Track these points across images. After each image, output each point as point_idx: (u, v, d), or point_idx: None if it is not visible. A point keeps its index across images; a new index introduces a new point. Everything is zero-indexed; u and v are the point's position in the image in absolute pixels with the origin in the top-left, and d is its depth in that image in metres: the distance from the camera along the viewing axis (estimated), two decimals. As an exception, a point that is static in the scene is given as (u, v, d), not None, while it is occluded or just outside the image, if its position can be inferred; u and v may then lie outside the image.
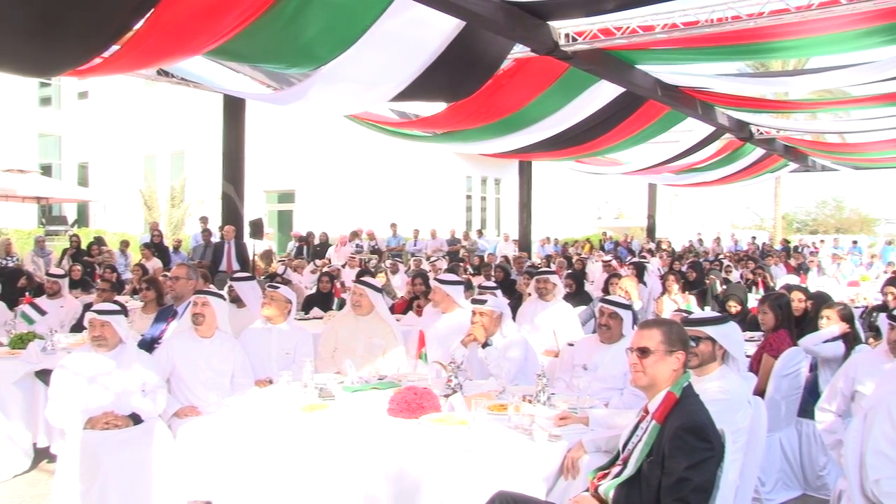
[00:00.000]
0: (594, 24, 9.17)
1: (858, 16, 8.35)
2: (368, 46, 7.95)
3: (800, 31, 9.09)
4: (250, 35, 6.80)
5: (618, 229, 33.32)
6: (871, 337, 6.72)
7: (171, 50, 7.11)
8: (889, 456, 3.53)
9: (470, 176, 28.60)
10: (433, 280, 6.75)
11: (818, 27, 8.87)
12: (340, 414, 4.31)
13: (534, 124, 12.30)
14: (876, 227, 59.73)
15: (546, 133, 12.77)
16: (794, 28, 8.92)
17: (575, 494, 3.42)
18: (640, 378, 3.31)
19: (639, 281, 10.51)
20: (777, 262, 17.62)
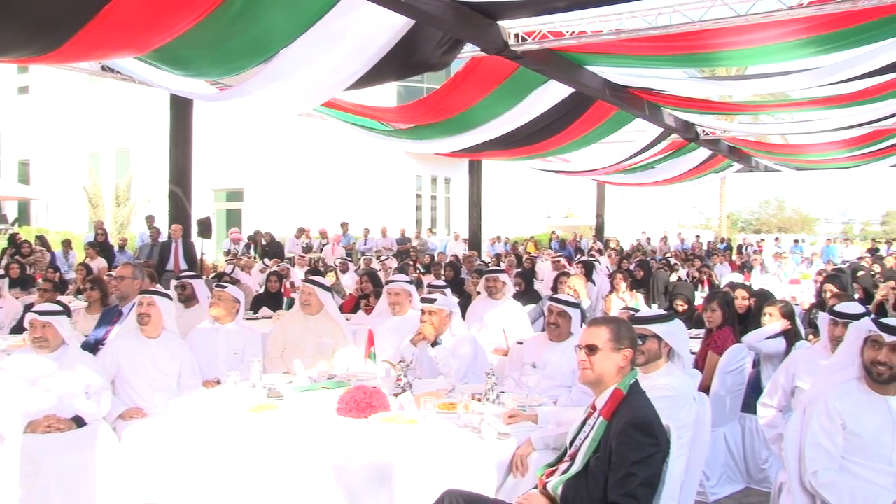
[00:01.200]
0: (544, 24, 9.24)
1: (796, 27, 8.59)
2: (315, 44, 7.90)
3: (742, 43, 9.32)
4: (197, 34, 6.74)
5: (567, 228, 33.59)
6: (810, 333, 6.88)
7: (117, 45, 7.01)
8: (826, 448, 3.62)
9: (420, 175, 28.58)
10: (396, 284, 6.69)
11: (759, 38, 9.10)
12: (289, 414, 4.27)
13: (486, 123, 12.36)
14: (816, 227, 61.30)
15: (498, 132, 12.83)
16: (737, 39, 9.13)
17: (523, 491, 3.44)
18: (587, 375, 3.35)
19: (587, 279, 10.61)
20: (722, 261, 17.95)
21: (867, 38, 8.89)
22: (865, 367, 3.66)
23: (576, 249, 23.94)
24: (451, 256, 17.41)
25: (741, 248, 29.18)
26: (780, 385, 4.94)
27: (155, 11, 6.32)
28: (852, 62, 9.78)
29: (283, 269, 12.42)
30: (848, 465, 3.61)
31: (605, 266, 15.35)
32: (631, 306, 8.40)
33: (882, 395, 3.63)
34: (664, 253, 22.79)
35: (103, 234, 16.64)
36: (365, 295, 9.17)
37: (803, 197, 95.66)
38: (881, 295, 8.46)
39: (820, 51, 9.31)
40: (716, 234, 41.04)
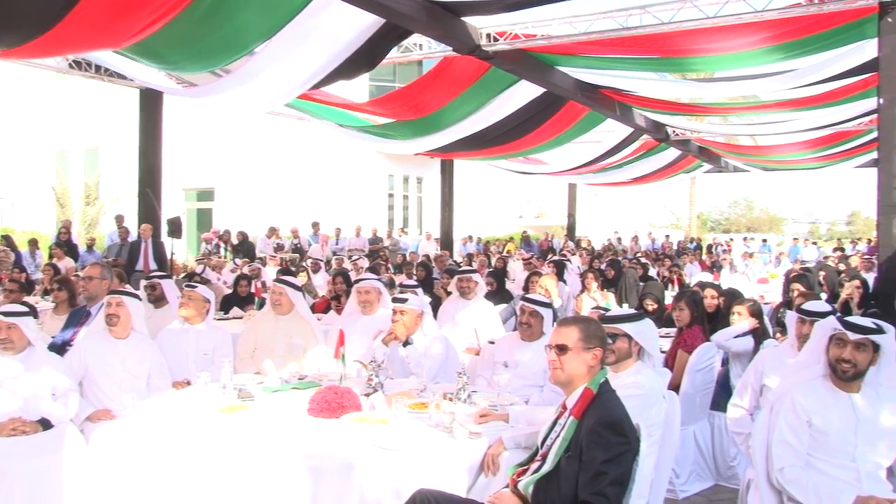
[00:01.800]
0: (515, 25, 9.28)
1: (764, 34, 8.72)
2: (287, 42, 7.89)
3: (713, 50, 9.45)
4: (171, 30, 6.72)
5: (539, 228, 33.71)
6: (778, 332, 6.96)
7: (91, 39, 6.97)
8: (792, 445, 3.67)
9: (392, 174, 28.54)
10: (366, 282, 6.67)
11: (730, 46, 9.24)
12: (260, 415, 4.25)
13: (459, 122, 12.41)
14: (784, 227, 62.04)
15: (471, 131, 12.88)
16: (708, 45, 9.25)
17: (495, 491, 3.45)
18: (558, 374, 3.36)
19: (559, 279, 10.65)
20: (692, 261, 18.10)
21: (831, 44, 9.06)
22: (831, 364, 3.71)
23: (548, 249, 24.04)
24: (422, 256, 17.40)
25: (711, 248, 29.47)
26: (750, 384, 4.99)
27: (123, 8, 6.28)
28: (818, 66, 9.95)
29: (253, 269, 12.35)
30: (813, 462, 3.66)
31: (577, 266, 15.42)
32: (602, 306, 8.45)
33: (846, 393, 3.69)
34: (635, 252, 22.94)
35: (66, 232, 16.44)
36: (336, 296, 9.15)
37: (772, 197, 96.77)
38: (846, 293, 8.57)
39: (787, 56, 9.48)
40: (686, 233, 41.43)
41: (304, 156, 24.33)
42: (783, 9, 8.00)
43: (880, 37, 7.71)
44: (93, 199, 26.97)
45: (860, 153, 17.71)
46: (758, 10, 8.08)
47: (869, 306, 7.93)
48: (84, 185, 27.42)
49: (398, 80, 23.96)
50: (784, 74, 10.52)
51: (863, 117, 12.94)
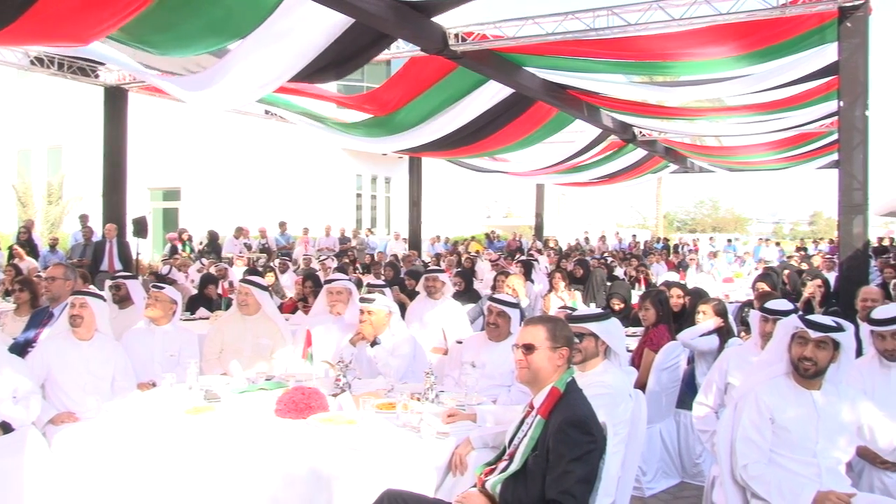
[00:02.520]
0: (483, 25, 9.31)
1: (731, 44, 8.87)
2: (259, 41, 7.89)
3: (680, 56, 9.57)
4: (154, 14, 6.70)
5: (507, 228, 33.80)
6: (742, 331, 7.05)
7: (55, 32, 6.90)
8: (756, 442, 3.72)
9: (360, 174, 28.45)
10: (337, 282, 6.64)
11: (698, 54, 9.39)
12: (226, 416, 4.21)
13: (428, 122, 12.42)
14: (749, 227, 62.83)
15: (442, 131, 12.90)
16: (676, 51, 9.37)
17: (462, 490, 3.45)
18: (524, 374, 3.38)
19: (526, 279, 10.69)
20: (658, 260, 18.26)
21: (795, 50, 9.21)
22: (793, 362, 3.77)
23: (516, 249, 24.12)
24: (390, 256, 17.37)
25: (677, 248, 29.75)
26: (715, 382, 5.05)
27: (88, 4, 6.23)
28: (781, 69, 10.11)
29: (220, 269, 12.25)
30: (776, 458, 3.71)
31: (545, 265, 15.49)
32: (569, 305, 8.49)
33: (808, 390, 3.74)
34: (602, 252, 23.09)
35: (26, 231, 16.17)
36: (303, 297, 9.11)
37: (737, 198, 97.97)
38: (808, 292, 8.70)
39: (753, 63, 9.64)
40: (653, 233, 41.77)
41: (271, 155, 24.19)
42: (748, 12, 8.12)
43: (840, 41, 7.86)
44: (56, 199, 26.54)
45: (822, 154, 18.02)
46: (723, 13, 8.20)
47: (830, 305, 8.06)
48: (46, 183, 26.98)
49: (367, 79, 23.90)
50: (747, 78, 10.68)
51: (824, 119, 13.17)
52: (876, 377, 4.53)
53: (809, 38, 8.81)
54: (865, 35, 7.75)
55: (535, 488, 3.17)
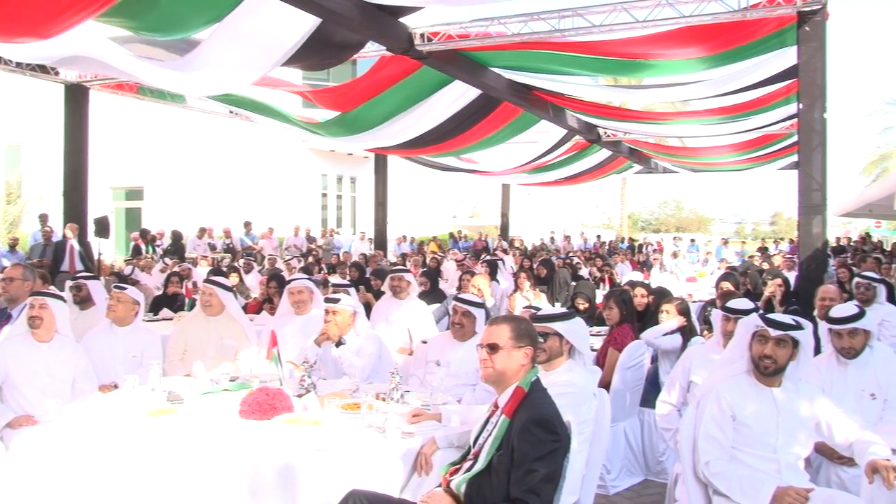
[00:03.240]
0: (449, 25, 9.33)
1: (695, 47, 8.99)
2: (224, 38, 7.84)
3: (646, 56, 9.68)
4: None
5: (473, 228, 33.89)
6: (705, 330, 7.13)
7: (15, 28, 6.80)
8: (717, 439, 3.77)
9: (325, 174, 28.35)
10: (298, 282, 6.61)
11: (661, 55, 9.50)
12: (190, 417, 4.17)
13: (394, 121, 12.42)
14: (711, 227, 63.58)
15: (407, 130, 12.90)
16: (641, 51, 9.48)
17: (428, 490, 3.46)
18: (489, 373, 3.38)
19: (492, 279, 10.72)
20: (623, 260, 18.41)
21: (755, 53, 9.36)
22: (753, 360, 3.82)
23: (481, 249, 24.18)
24: (358, 256, 17.32)
25: (641, 248, 30.01)
26: (677, 381, 5.10)
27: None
28: (742, 72, 10.27)
29: (184, 269, 12.14)
30: (737, 455, 3.76)
31: (510, 265, 15.55)
32: (534, 305, 8.53)
33: (768, 387, 3.80)
34: (567, 252, 23.22)
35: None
36: (269, 298, 9.06)
37: (700, 198, 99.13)
38: (769, 291, 8.83)
39: (715, 65, 9.79)
40: (617, 233, 42.11)
41: (236, 154, 24.00)
42: (710, 15, 8.24)
43: (799, 45, 8.01)
44: (14, 198, 26.11)
45: (783, 156, 18.31)
46: (686, 16, 8.31)
47: (791, 304, 8.18)
48: (5, 182, 26.54)
49: (332, 79, 23.82)
50: (711, 81, 10.83)
51: (785, 122, 13.39)
52: (833, 374, 4.62)
53: (770, 42, 8.96)
54: (823, 39, 7.90)
55: (499, 487, 3.19)
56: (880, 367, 4.58)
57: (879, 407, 4.52)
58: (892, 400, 4.53)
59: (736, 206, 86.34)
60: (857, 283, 7.37)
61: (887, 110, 44.25)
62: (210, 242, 19.49)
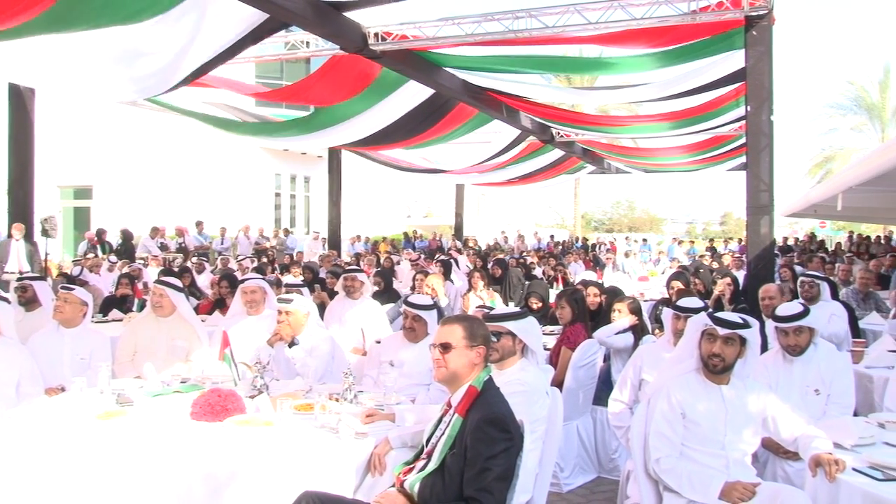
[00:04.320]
0: (403, 25, 9.33)
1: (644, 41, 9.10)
2: (167, 30, 7.69)
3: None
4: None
5: (427, 227, 33.92)
6: (656, 328, 7.23)
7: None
8: (668, 436, 3.83)
9: (279, 173, 28.14)
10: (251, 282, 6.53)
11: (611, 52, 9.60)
12: (139, 420, 4.11)
13: (348, 121, 12.39)
14: (663, 227, 64.41)
15: (361, 130, 12.87)
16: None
17: (381, 490, 3.45)
18: (442, 373, 3.39)
19: (446, 278, 10.74)
20: (576, 259, 18.55)
21: (703, 53, 9.52)
22: (702, 359, 3.89)
23: (436, 248, 24.22)
24: (318, 258, 17.20)
25: (594, 247, 30.31)
26: (629, 379, 5.17)
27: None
28: (693, 73, 10.44)
29: (134, 269, 11.96)
30: (686, 451, 3.82)
31: (464, 265, 15.59)
32: (487, 304, 8.57)
33: (717, 385, 3.87)
34: (521, 252, 23.34)
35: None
36: (221, 299, 8.97)
37: (652, 198, 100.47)
38: (718, 291, 8.97)
39: (663, 64, 9.93)
40: (571, 233, 42.45)
41: (188, 153, 23.69)
42: (659, 18, 8.36)
43: (747, 49, 8.17)
44: (-43, 197, 25.44)
45: (732, 157, 18.64)
46: (637, 18, 8.42)
47: (739, 302, 8.33)
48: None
49: (286, 77, 23.66)
50: (662, 82, 10.98)
51: (733, 124, 13.65)
52: (779, 371, 4.72)
53: (718, 44, 9.12)
54: (769, 44, 8.08)
55: (453, 486, 3.20)
56: (824, 363, 4.70)
57: (823, 402, 4.64)
58: (835, 395, 4.65)
59: (687, 207, 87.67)
60: (801, 282, 7.53)
61: (831, 113, 45.49)
62: (162, 242, 19.21)
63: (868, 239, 26.56)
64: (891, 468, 3.38)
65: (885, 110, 42.25)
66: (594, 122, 15.46)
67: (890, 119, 41.96)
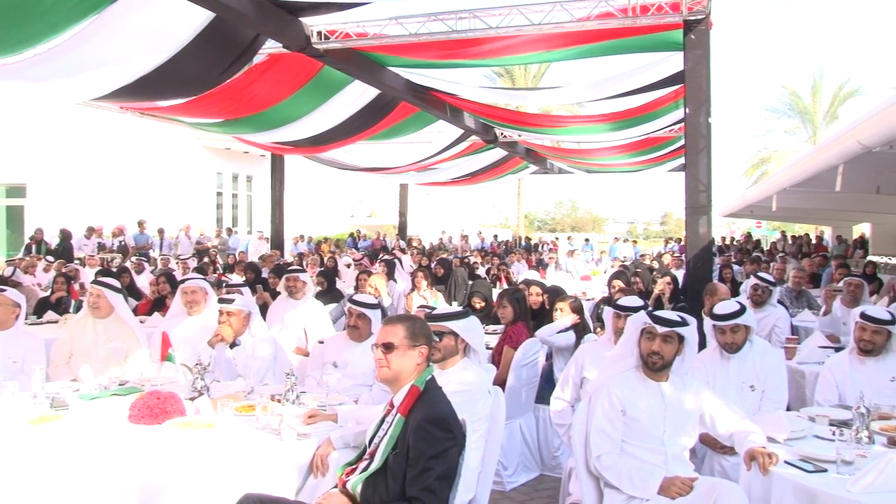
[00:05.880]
0: (346, 23, 9.28)
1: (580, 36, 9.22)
2: (107, 29, 7.51)
3: (528, 47, 9.87)
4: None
5: (371, 227, 33.82)
6: (598, 327, 7.32)
7: None
8: (608, 433, 3.88)
9: (220, 172, 27.78)
10: (191, 282, 6.43)
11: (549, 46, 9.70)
12: (75, 424, 4.01)
13: (294, 122, 12.28)
14: (605, 227, 65.22)
15: (304, 130, 12.76)
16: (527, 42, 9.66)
17: (324, 491, 3.43)
18: (384, 373, 3.39)
19: (389, 278, 10.72)
20: (519, 259, 18.68)
21: (644, 47, 9.66)
22: (642, 356, 3.95)
23: (379, 248, 24.17)
24: (261, 259, 17.03)
25: (536, 247, 30.56)
26: (571, 377, 5.22)
27: None
28: (633, 73, 10.60)
29: (71, 269, 11.68)
30: (626, 448, 3.88)
31: (408, 264, 15.59)
32: (430, 304, 8.58)
33: (656, 382, 3.94)
34: (464, 251, 23.41)
35: None
36: (161, 298, 8.82)
37: (594, 198, 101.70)
38: (658, 290, 9.11)
39: (598, 53, 10.03)
40: (514, 232, 42.71)
41: (126, 151, 23.21)
42: (600, 19, 8.47)
43: (685, 52, 8.33)
44: None
45: (671, 158, 18.96)
46: (578, 20, 8.52)
47: (679, 301, 8.47)
48: None
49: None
50: (603, 82, 11.12)
51: (673, 125, 13.89)
52: (717, 368, 4.84)
53: (657, 40, 9.25)
54: (707, 47, 8.24)
55: (395, 486, 3.19)
56: (759, 360, 4.83)
57: (758, 398, 4.76)
58: (769, 391, 4.78)
59: (629, 207, 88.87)
60: (754, 286, 7.57)
61: (766, 116, 46.75)
62: (100, 242, 18.81)
63: (802, 238, 27.27)
64: (820, 460, 3.50)
65: (816, 114, 43.57)
66: (536, 123, 15.55)
67: (821, 122, 43.26)
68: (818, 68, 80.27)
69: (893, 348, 4.87)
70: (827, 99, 43.67)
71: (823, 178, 9.79)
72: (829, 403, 4.77)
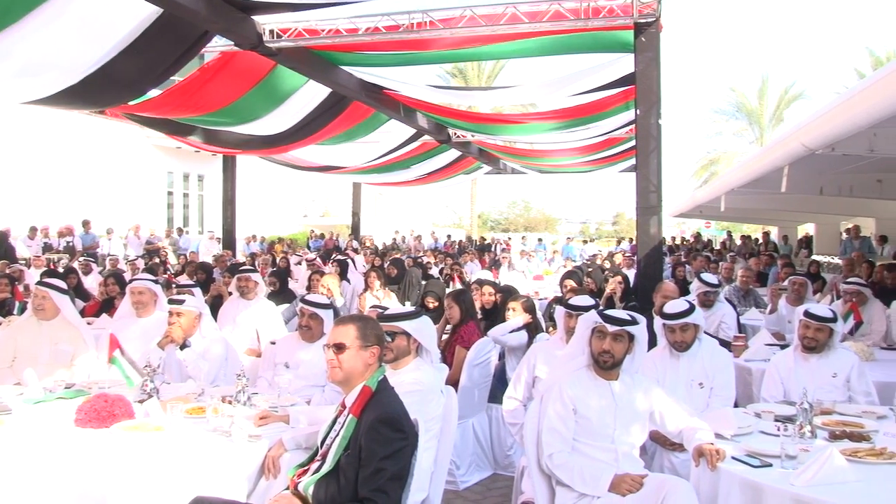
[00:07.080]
0: (299, 22, 9.22)
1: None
2: (46, 25, 7.33)
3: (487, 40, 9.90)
4: None
5: (324, 227, 33.62)
6: (550, 326, 7.37)
7: None
8: (560, 432, 3.91)
9: (171, 171, 27.38)
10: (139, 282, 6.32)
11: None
12: (18, 429, 3.92)
13: (250, 122, 12.16)
14: (558, 227, 65.70)
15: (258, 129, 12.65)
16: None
17: (276, 493, 3.41)
18: (336, 373, 3.38)
19: (342, 278, 10.68)
20: (472, 259, 18.73)
21: (594, 46, 9.75)
22: (593, 355, 3.99)
23: (332, 248, 24.05)
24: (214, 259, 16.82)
25: (490, 247, 30.67)
26: (523, 376, 5.25)
27: None
28: (585, 73, 10.70)
29: (14, 271, 11.42)
30: (578, 446, 3.92)
31: (361, 264, 15.53)
32: (383, 304, 8.56)
33: (607, 381, 3.98)
34: (418, 251, 23.40)
35: None
36: (109, 299, 8.68)
37: (547, 199, 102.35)
38: (610, 289, 9.21)
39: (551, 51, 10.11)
40: (467, 232, 42.83)
41: (73, 148, 22.69)
42: (554, 21, 8.55)
43: (636, 54, 8.44)
44: None
45: (623, 159, 19.18)
46: (530, 23, 8.59)
47: (630, 300, 8.58)
48: None
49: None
50: (555, 81, 11.21)
51: (624, 127, 14.05)
52: (667, 366, 4.91)
53: (609, 39, 9.35)
54: (657, 49, 8.36)
55: (347, 487, 3.18)
56: (707, 358, 4.91)
57: (706, 395, 4.85)
58: (718, 388, 4.87)
59: (581, 207, 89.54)
60: (704, 292, 7.55)
61: (715, 118, 47.59)
62: (46, 242, 18.41)
63: (749, 238, 27.77)
64: (765, 455, 3.58)
65: (762, 116, 44.48)
66: (489, 121, 15.61)
67: (767, 124, 44.16)
68: (765, 72, 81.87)
69: (835, 346, 5.00)
70: (773, 102, 44.63)
71: (770, 180, 9.99)
72: (775, 400, 4.88)
